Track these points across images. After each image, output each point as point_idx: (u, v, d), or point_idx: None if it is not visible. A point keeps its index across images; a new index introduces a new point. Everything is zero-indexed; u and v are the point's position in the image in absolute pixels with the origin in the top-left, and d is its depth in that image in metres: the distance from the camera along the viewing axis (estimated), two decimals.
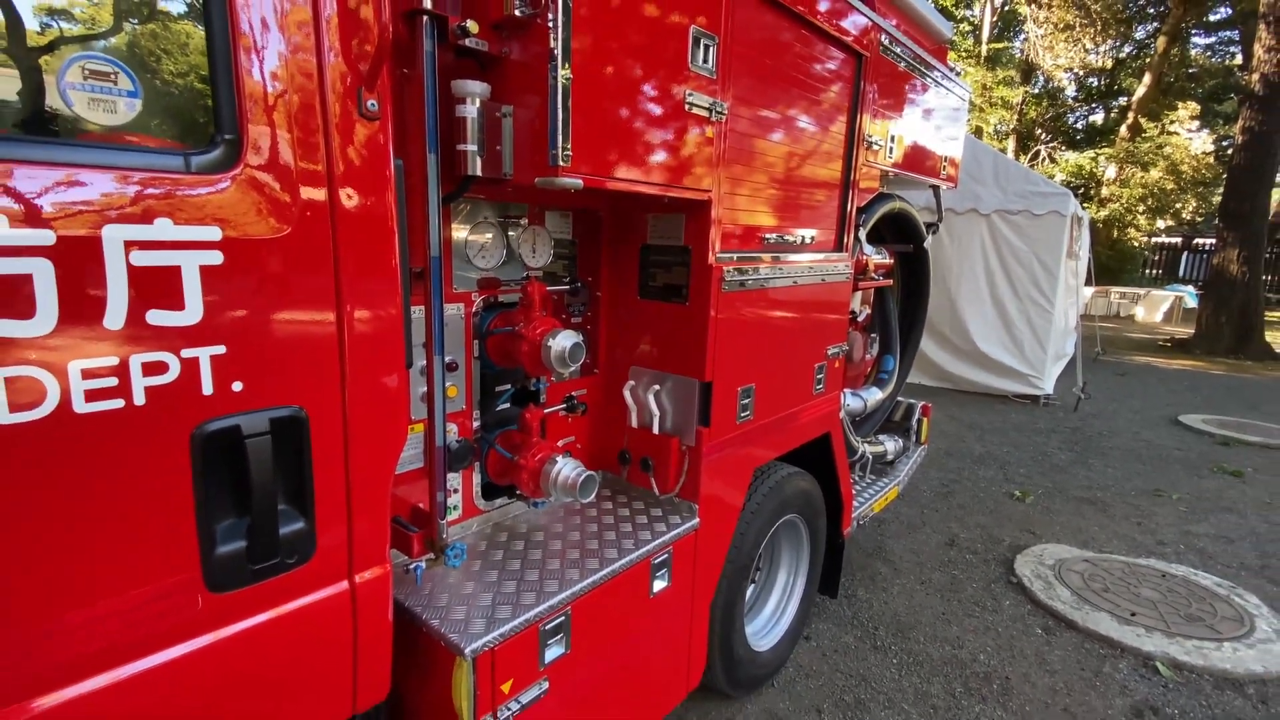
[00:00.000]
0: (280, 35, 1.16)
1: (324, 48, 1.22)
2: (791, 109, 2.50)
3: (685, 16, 1.91)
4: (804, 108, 2.56)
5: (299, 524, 1.30)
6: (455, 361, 2.03)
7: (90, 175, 1.00)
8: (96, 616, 1.07)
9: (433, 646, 1.70)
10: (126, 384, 1.05)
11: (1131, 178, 21.95)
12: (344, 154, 1.26)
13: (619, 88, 1.76)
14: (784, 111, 2.46)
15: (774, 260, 2.52)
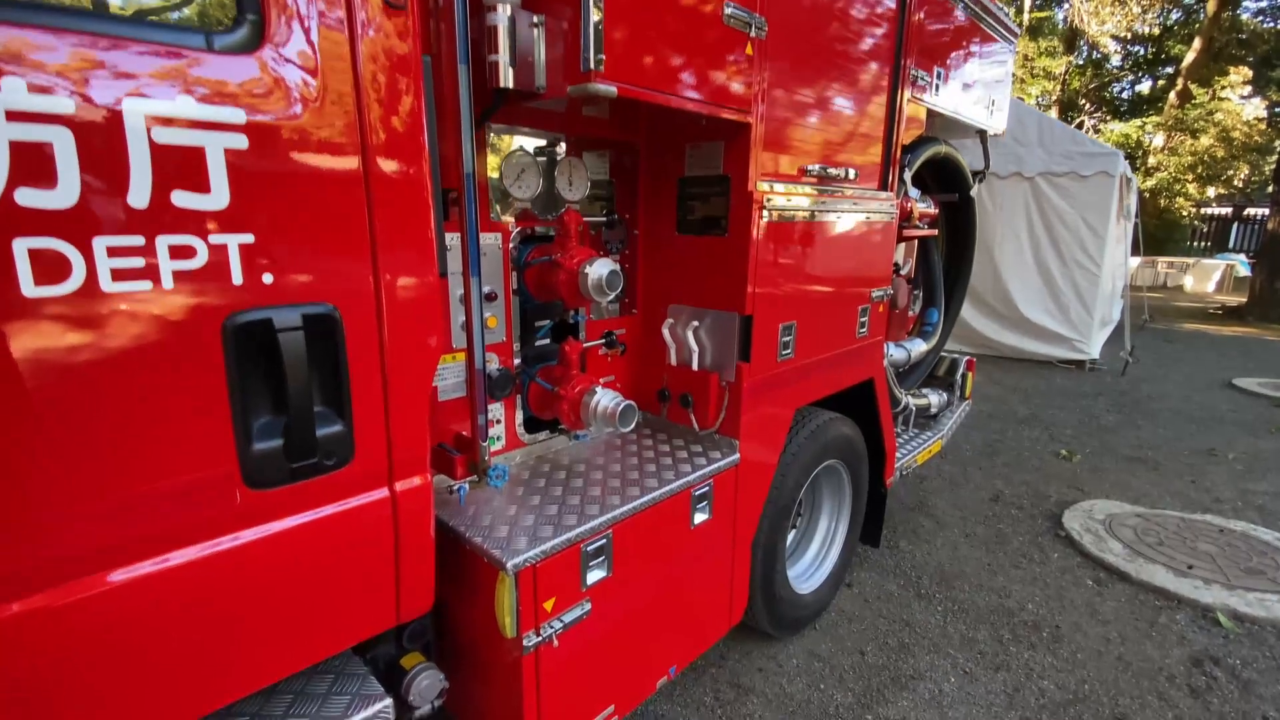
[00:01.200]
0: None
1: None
2: (834, 36, 2.30)
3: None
4: (847, 36, 2.36)
5: (336, 426, 1.23)
6: (494, 292, 1.94)
7: (112, 47, 0.92)
8: (137, 499, 1.02)
9: (476, 563, 1.63)
10: (154, 266, 0.99)
11: (1180, 145, 20.48)
12: (369, 43, 1.17)
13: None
14: (827, 38, 2.27)
15: (816, 193, 2.35)
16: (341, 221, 1.18)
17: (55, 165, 0.88)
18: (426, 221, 1.30)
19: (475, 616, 1.71)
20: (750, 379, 2.23)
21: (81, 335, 0.94)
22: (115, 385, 0.98)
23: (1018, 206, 8.03)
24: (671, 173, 2.25)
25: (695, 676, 2.67)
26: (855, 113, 2.51)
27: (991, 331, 8.44)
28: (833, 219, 2.45)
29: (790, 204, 2.21)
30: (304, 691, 1.37)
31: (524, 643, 1.60)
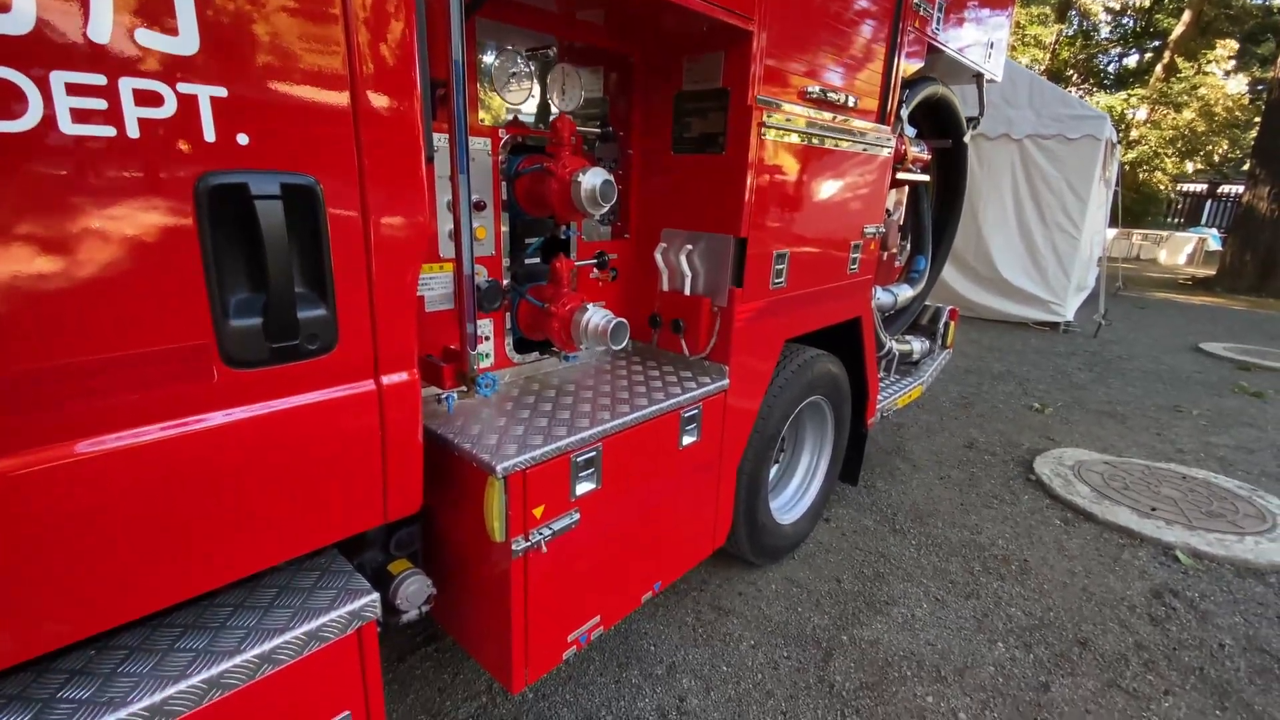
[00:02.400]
0: None
1: None
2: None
3: None
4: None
5: (319, 310, 1.16)
6: (483, 201, 1.85)
7: None
8: (106, 364, 0.95)
9: (465, 469, 1.59)
10: (117, 109, 0.89)
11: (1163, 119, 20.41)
12: None
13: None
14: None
15: (814, 117, 2.26)
16: (322, 87, 1.08)
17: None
18: (414, 98, 1.21)
19: (464, 523, 1.67)
20: (742, 305, 2.18)
21: (40, 178, 0.85)
22: (80, 234, 0.89)
23: (1004, 169, 7.97)
24: (668, 89, 2.15)
25: (677, 598, 2.70)
26: (857, 35, 2.41)
27: (970, 292, 8.46)
28: (830, 146, 2.37)
29: (789, 124, 2.12)
30: (290, 585, 1.33)
31: (512, 548, 1.58)
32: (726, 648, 2.44)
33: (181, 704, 1.07)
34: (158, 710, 1.04)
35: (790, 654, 2.42)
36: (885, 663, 2.38)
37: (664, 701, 2.18)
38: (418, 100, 1.22)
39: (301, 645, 1.21)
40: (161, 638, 1.17)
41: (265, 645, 1.17)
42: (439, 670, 2.25)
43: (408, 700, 2.13)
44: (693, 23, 1.83)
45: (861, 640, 2.50)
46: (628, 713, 2.13)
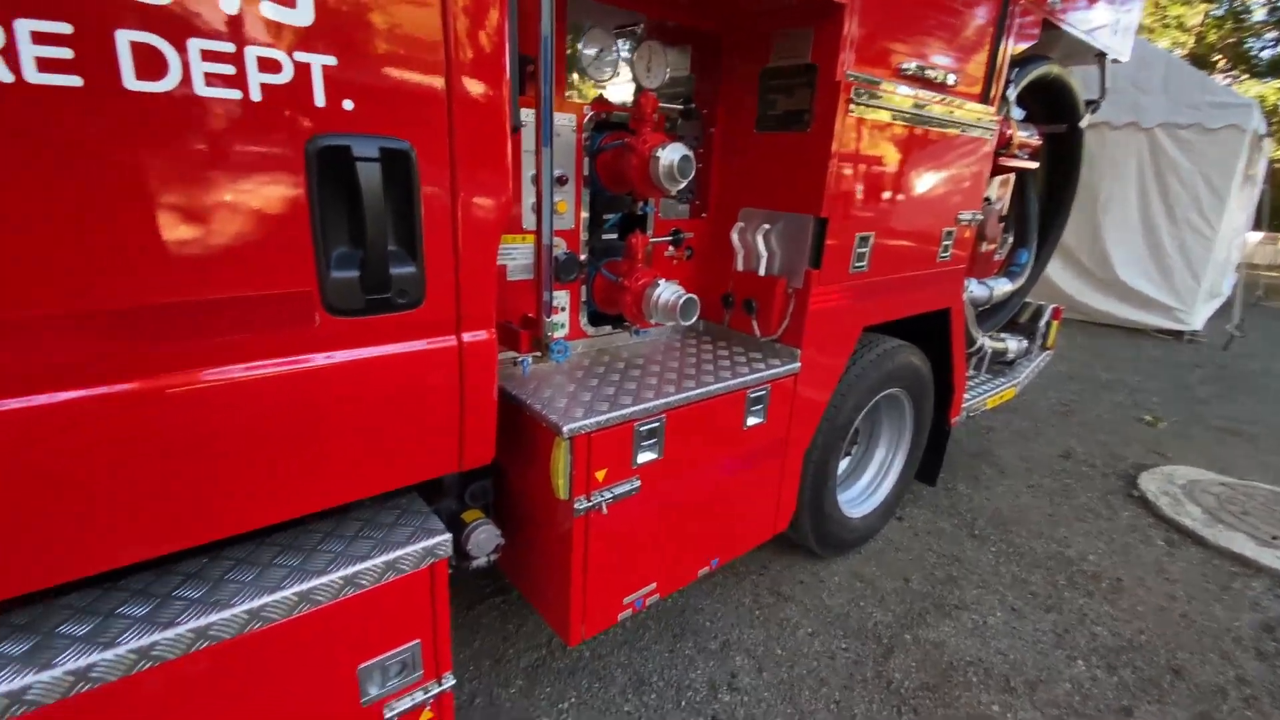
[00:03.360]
0: None
1: None
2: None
3: None
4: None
5: (409, 267, 1.24)
6: (565, 175, 1.90)
7: None
8: (230, 302, 1.06)
9: (535, 428, 1.65)
10: (243, 75, 0.99)
11: None
12: None
13: None
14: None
15: (909, 95, 2.15)
16: (420, 59, 1.15)
17: None
18: (503, 74, 1.26)
19: (532, 480, 1.75)
20: (819, 288, 2.12)
21: (176, 134, 0.96)
22: (208, 186, 1.00)
23: (1129, 159, 7.22)
24: (754, 65, 2.10)
25: (736, 579, 2.69)
26: (961, 10, 2.26)
27: (1081, 293, 7.76)
28: (924, 126, 2.25)
29: (880, 102, 2.03)
30: (373, 520, 1.44)
31: (575, 506, 1.63)
32: (783, 632, 2.42)
33: (276, 613, 1.19)
34: (255, 615, 1.17)
35: (848, 646, 2.36)
36: (949, 666, 2.28)
37: (715, 675, 2.19)
38: (506, 74, 1.26)
39: (380, 573, 1.31)
40: (263, 553, 1.30)
41: (349, 569, 1.28)
42: (505, 620, 2.37)
43: (475, 644, 2.26)
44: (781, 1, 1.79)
45: (925, 641, 2.39)
46: (679, 681, 2.16)
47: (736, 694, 2.12)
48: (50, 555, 1.01)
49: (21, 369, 0.92)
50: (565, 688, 2.10)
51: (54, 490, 0.98)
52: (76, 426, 0.97)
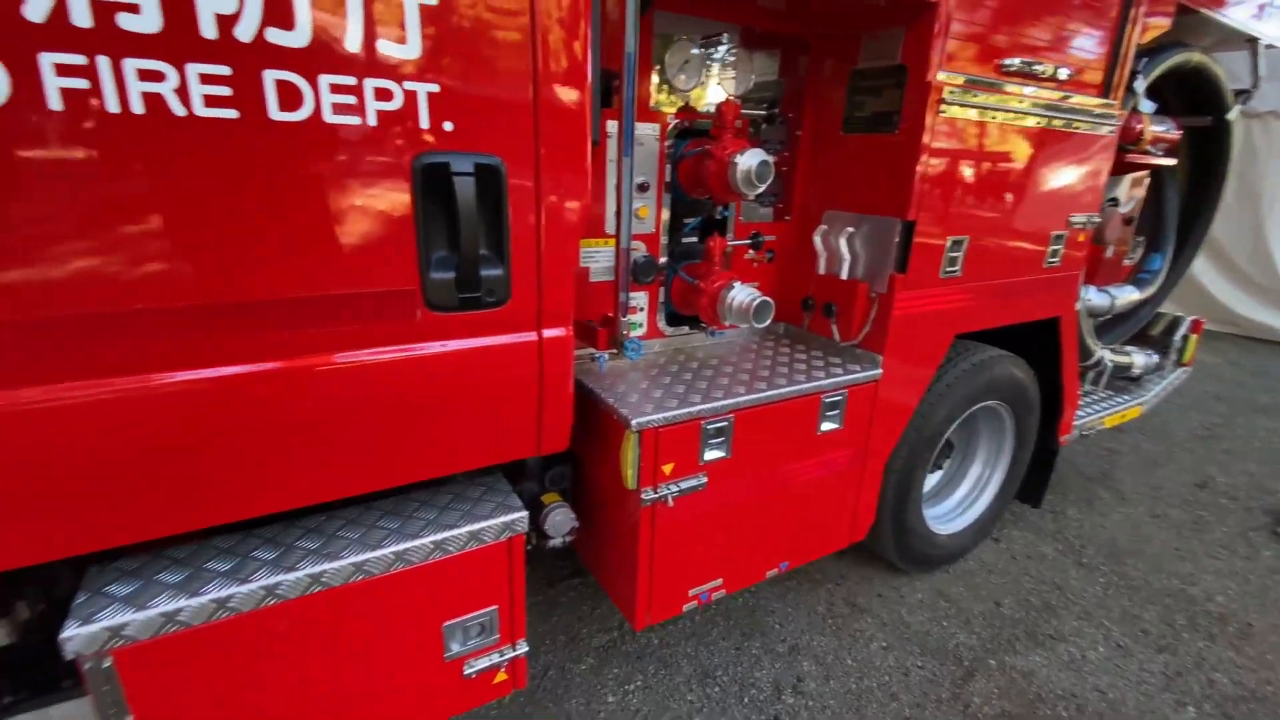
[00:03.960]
0: None
1: None
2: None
3: None
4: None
5: (497, 270, 1.37)
6: (647, 182, 1.98)
7: None
8: (350, 298, 1.24)
9: (608, 421, 1.75)
10: (362, 104, 1.15)
11: None
12: None
13: None
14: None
15: (1012, 92, 2.04)
16: (510, 83, 1.28)
17: (293, 10, 1.06)
18: (584, 95, 1.36)
19: (604, 469, 1.85)
20: (904, 293, 2.07)
21: (314, 156, 1.14)
22: (334, 200, 1.18)
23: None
24: (843, 67, 2.09)
25: (810, 586, 2.67)
26: (1076, 3, 2.11)
27: (1238, 303, 6.82)
28: (1030, 124, 2.13)
29: (976, 101, 1.95)
30: (462, 494, 1.61)
31: (642, 496, 1.72)
32: (855, 643, 2.37)
33: (376, 567, 1.38)
34: (359, 568, 1.36)
35: (925, 665, 2.28)
36: (1037, 697, 2.14)
37: (781, 677, 2.20)
38: (588, 95, 1.37)
39: (464, 541, 1.47)
40: (368, 516, 1.50)
41: (439, 535, 1.44)
42: (580, 601, 2.51)
43: (552, 620, 2.41)
44: (869, 3, 1.77)
45: (1012, 668, 2.26)
46: (744, 678, 2.19)
47: (801, 698, 2.12)
48: (209, 500, 1.23)
49: (202, 348, 1.13)
50: (633, 671, 2.20)
51: (215, 446, 1.19)
52: (239, 396, 1.18)
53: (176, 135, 1.03)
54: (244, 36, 1.04)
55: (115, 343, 1.08)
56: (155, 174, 1.03)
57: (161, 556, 1.34)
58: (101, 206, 1.01)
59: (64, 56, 0.94)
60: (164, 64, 1.00)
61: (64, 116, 0.96)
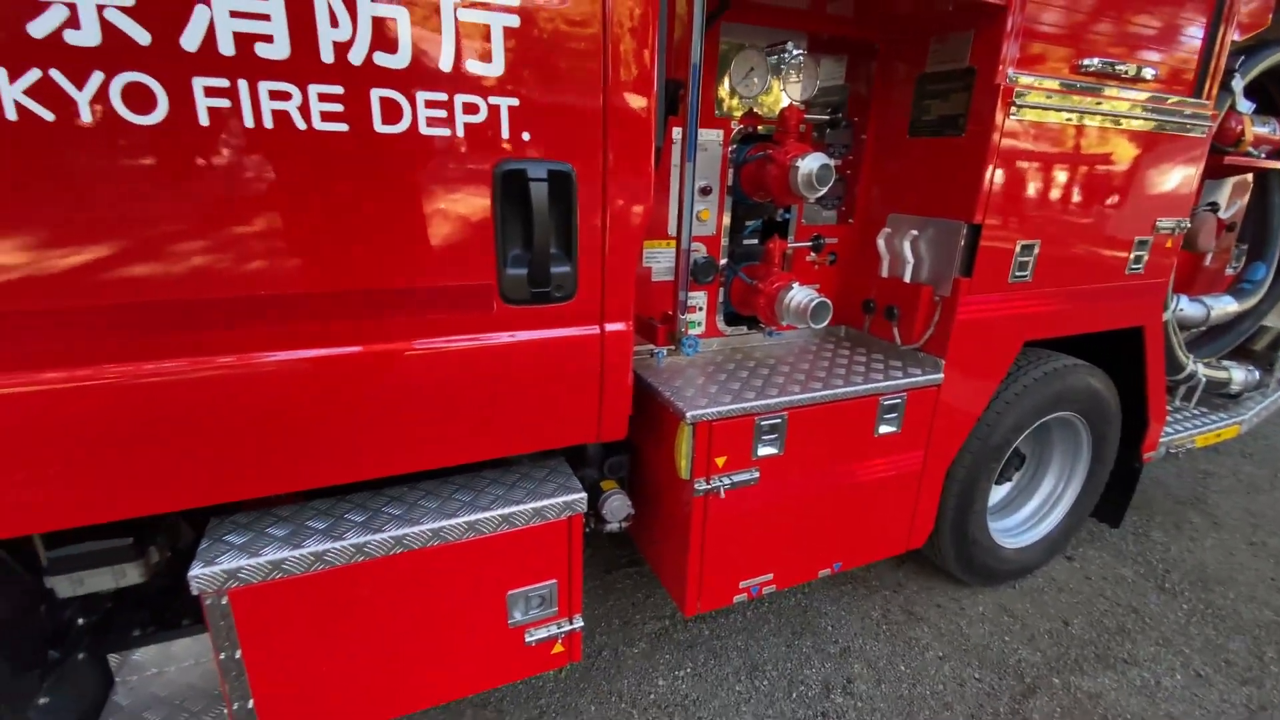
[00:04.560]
0: None
1: None
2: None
3: None
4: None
5: (566, 267, 1.49)
6: (709, 186, 2.06)
7: None
8: (437, 290, 1.38)
9: (664, 413, 1.84)
10: (452, 117, 1.30)
11: None
12: None
13: None
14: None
15: (1089, 92, 1.99)
16: (582, 96, 1.39)
17: (397, 34, 1.21)
18: (650, 107, 1.46)
19: (659, 460, 1.94)
20: (969, 297, 2.05)
21: (410, 164, 1.29)
22: (424, 201, 1.32)
23: None
24: (910, 71, 2.09)
25: (866, 592, 2.66)
26: None
27: None
28: (1111, 125, 2.06)
29: (1050, 103, 1.91)
30: (528, 474, 1.74)
31: (695, 487, 1.79)
32: (909, 650, 2.35)
33: (452, 534, 1.52)
34: (436, 534, 1.50)
35: (983, 677, 2.24)
36: (1103, 719, 2.06)
37: (831, 677, 2.22)
38: (654, 106, 1.46)
39: (529, 516, 1.60)
40: (444, 488, 1.65)
41: (507, 509, 1.57)
42: (635, 589, 2.61)
43: (607, 604, 2.52)
44: (936, 4, 1.78)
45: (1077, 689, 2.18)
46: (793, 674, 2.22)
47: (850, 698, 2.13)
48: (312, 465, 1.41)
49: (313, 331, 1.31)
50: (683, 658, 2.27)
51: (319, 417, 1.37)
52: (341, 374, 1.35)
53: (298, 146, 1.20)
54: (355, 60, 1.20)
55: (244, 323, 1.26)
56: (279, 180, 1.21)
57: (268, 514, 1.53)
58: (237, 208, 1.19)
59: (211, 80, 1.12)
60: (290, 85, 1.17)
61: (209, 131, 1.14)
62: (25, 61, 1.03)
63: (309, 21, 1.15)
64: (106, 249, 1.14)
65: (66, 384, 1.17)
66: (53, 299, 1.13)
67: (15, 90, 1.03)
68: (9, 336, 1.12)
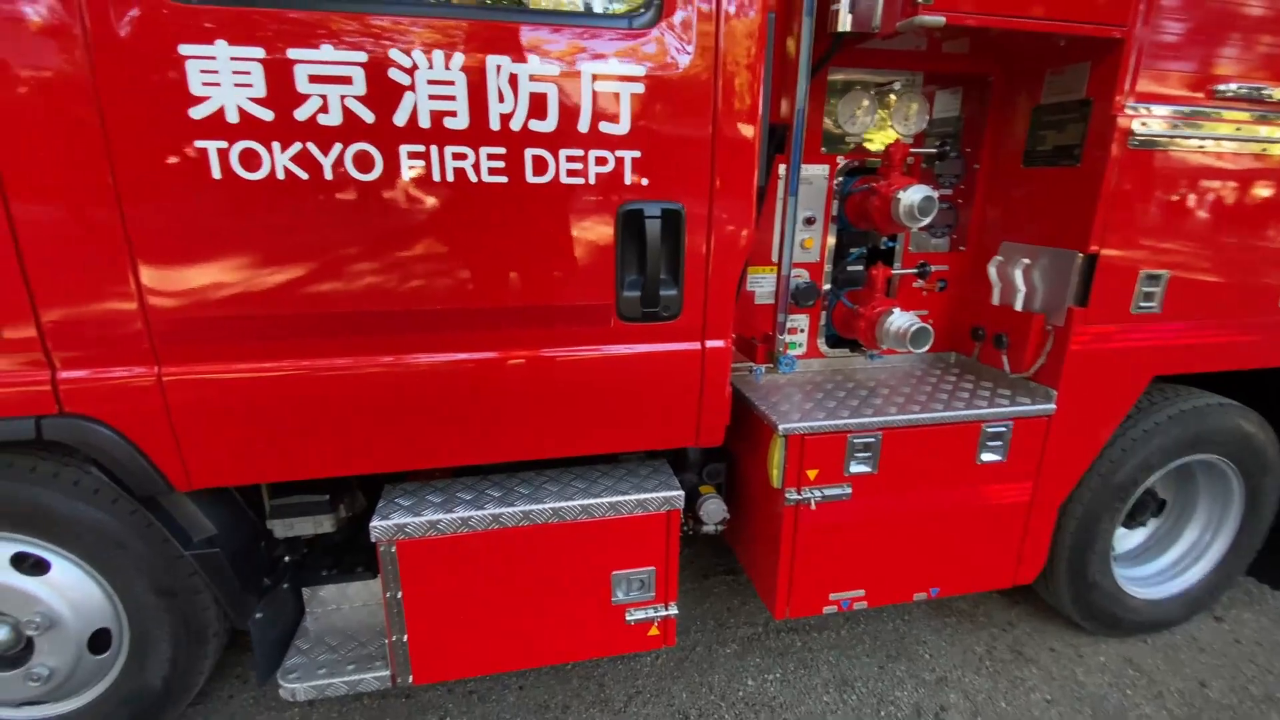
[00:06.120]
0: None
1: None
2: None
3: None
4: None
5: (673, 290, 1.75)
6: (814, 216, 2.24)
7: (583, 32, 1.53)
8: (572, 310, 1.70)
9: (759, 425, 2.03)
10: (586, 169, 1.61)
11: None
12: (729, 14, 1.58)
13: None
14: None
15: (1227, 117, 1.93)
16: (694, 146, 1.65)
17: (547, 106, 1.55)
18: (752, 154, 1.69)
19: (754, 468, 2.13)
20: (1085, 326, 2.04)
21: (552, 208, 1.62)
22: (563, 238, 1.64)
23: None
24: (1024, 103, 2.14)
25: (972, 626, 2.63)
26: None
27: None
28: (1250, 150, 1.98)
29: (1176, 131, 1.89)
30: (634, 471, 2.01)
31: (786, 496, 1.96)
32: (1013, 689, 2.32)
33: (568, 514, 1.82)
34: (556, 512, 1.81)
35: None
36: None
37: (923, 703, 2.25)
38: (757, 151, 1.69)
39: (633, 506, 1.86)
40: (564, 476, 1.97)
41: (614, 498, 1.85)
42: (731, 595, 2.78)
43: (703, 606, 2.71)
44: (1049, 41, 1.85)
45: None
46: (883, 694, 2.28)
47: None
48: (464, 445, 1.77)
49: (474, 338, 1.68)
50: (773, 664, 2.41)
51: (472, 408, 1.73)
52: (490, 373, 1.70)
53: (469, 195, 1.56)
54: (515, 126, 1.54)
55: (426, 332, 1.65)
56: (454, 220, 1.58)
57: (428, 485, 1.93)
58: (427, 242, 1.58)
59: (413, 146, 1.52)
60: (468, 148, 1.53)
61: (408, 184, 1.53)
62: (291, 137, 1.47)
63: (483, 99, 1.51)
64: (344, 270, 1.56)
65: (293, 370, 1.61)
66: (313, 306, 1.57)
67: (285, 158, 1.47)
68: (291, 333, 1.57)
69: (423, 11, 1.46)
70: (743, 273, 1.95)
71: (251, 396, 1.61)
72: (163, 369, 1.55)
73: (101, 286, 1.47)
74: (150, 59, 1.35)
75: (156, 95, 1.37)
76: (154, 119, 1.39)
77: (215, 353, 1.57)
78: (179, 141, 1.40)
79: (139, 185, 1.42)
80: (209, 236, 1.49)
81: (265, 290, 1.54)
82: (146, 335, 1.52)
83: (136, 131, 1.39)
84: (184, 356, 1.56)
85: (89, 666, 1.84)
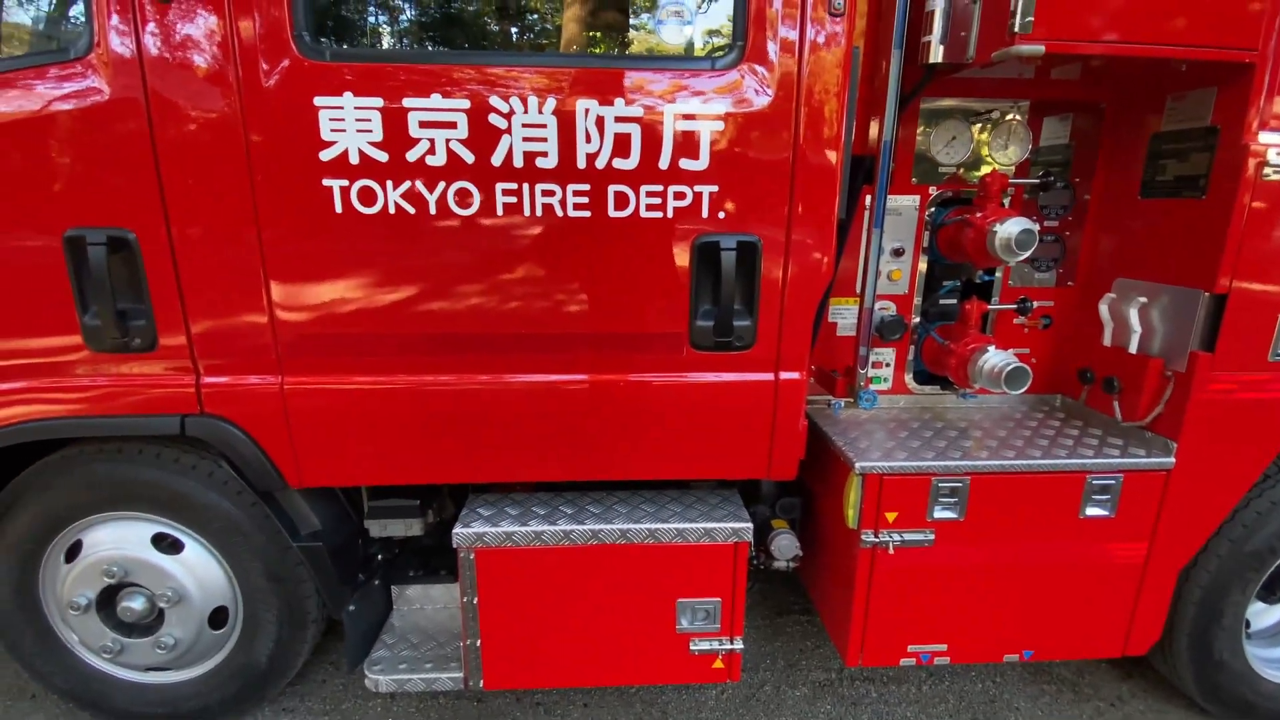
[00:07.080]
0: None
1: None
2: None
3: None
4: None
5: (746, 321, 1.78)
6: (903, 248, 2.19)
7: (659, 75, 1.62)
8: (651, 338, 1.78)
9: (835, 461, 2.00)
10: (665, 203, 1.68)
11: None
12: (813, 47, 1.61)
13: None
14: None
15: None
16: (773, 180, 1.68)
17: (631, 144, 1.64)
18: (833, 188, 1.70)
19: (830, 506, 2.09)
20: (1211, 374, 1.86)
21: (632, 240, 1.70)
22: (645, 268, 1.72)
23: None
24: (1143, 131, 2.00)
25: (1073, 698, 2.41)
26: None
27: None
28: None
29: None
30: (703, 499, 2.04)
31: (862, 537, 1.91)
32: None
33: (636, 536, 1.88)
34: (624, 534, 1.87)
35: None
36: None
37: None
38: (838, 185, 1.70)
39: (700, 535, 1.89)
40: (634, 498, 2.03)
41: (682, 525, 1.89)
42: (804, 636, 2.71)
43: (775, 644, 2.66)
44: (1168, 66, 1.74)
45: None
46: None
47: None
48: (543, 463, 1.88)
49: (564, 361, 1.79)
50: (845, 713, 2.32)
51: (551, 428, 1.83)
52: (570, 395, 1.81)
53: (556, 228, 1.68)
54: (599, 165, 1.65)
55: (512, 353, 1.78)
56: (541, 251, 1.70)
57: (507, 498, 2.05)
58: (518, 271, 1.71)
59: (507, 184, 1.65)
60: (556, 185, 1.66)
61: (501, 218, 1.67)
62: (402, 176, 1.64)
63: (571, 140, 1.63)
64: (443, 295, 1.73)
65: (395, 384, 1.78)
66: (411, 327, 1.74)
67: (396, 194, 1.65)
68: (395, 350, 1.76)
69: (521, 61, 1.61)
70: (824, 304, 1.95)
71: (358, 406, 1.80)
72: (285, 378, 1.77)
73: (241, 302, 1.71)
74: (290, 107, 1.58)
75: (294, 138, 1.59)
76: (291, 158, 1.61)
77: (329, 365, 1.77)
78: (311, 179, 1.62)
79: (275, 215, 1.65)
80: (329, 262, 1.69)
81: (375, 310, 1.73)
82: (274, 347, 1.74)
83: (276, 169, 1.61)
84: (303, 368, 1.77)
85: (208, 640, 2.09)
